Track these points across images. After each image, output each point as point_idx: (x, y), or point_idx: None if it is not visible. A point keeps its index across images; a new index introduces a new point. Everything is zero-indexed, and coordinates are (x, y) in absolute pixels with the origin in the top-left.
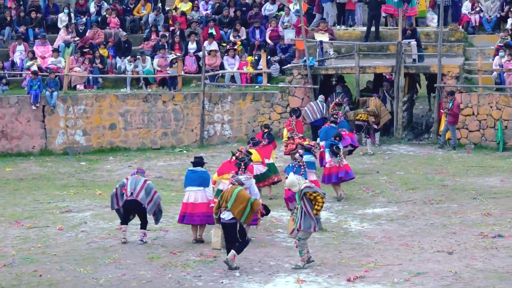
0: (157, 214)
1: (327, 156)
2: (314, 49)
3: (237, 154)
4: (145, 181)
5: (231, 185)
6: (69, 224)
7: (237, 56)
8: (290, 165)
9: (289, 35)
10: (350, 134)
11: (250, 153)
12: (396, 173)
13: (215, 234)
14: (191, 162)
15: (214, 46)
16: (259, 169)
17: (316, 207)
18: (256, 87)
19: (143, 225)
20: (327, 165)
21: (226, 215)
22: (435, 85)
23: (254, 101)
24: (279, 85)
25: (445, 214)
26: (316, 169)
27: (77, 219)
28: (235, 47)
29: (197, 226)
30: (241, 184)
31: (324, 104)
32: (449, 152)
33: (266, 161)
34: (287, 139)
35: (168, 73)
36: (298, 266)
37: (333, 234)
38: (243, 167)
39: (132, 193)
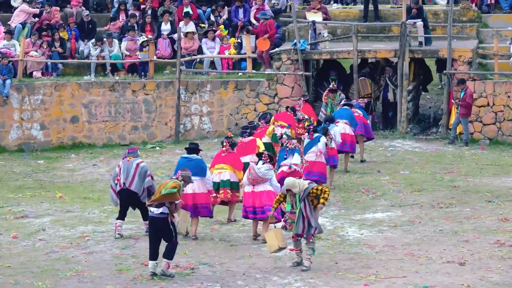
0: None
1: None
2: (306, 30)
3: (225, 144)
4: (138, 164)
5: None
6: (25, 232)
7: (217, 39)
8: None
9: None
10: (364, 120)
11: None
12: (400, 172)
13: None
14: (186, 148)
15: (191, 27)
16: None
17: (324, 195)
18: (240, 74)
19: (145, 216)
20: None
21: (155, 209)
22: (444, 71)
23: (237, 90)
24: (266, 72)
25: (456, 220)
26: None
27: (34, 225)
28: (217, 30)
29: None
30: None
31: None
32: (461, 149)
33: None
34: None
35: (139, 58)
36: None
37: (328, 243)
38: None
39: (124, 183)
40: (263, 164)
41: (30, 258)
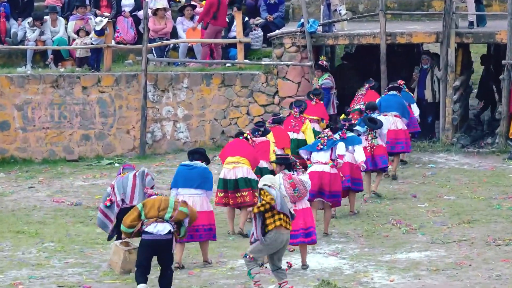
0: None
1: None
2: (317, 6)
3: (245, 135)
4: (134, 175)
5: None
6: None
7: (197, 18)
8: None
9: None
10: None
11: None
12: (444, 197)
13: (115, 251)
14: (188, 152)
15: (162, 2)
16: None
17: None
18: (227, 65)
19: None
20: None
21: (162, 228)
22: (502, 61)
23: (223, 87)
24: (263, 62)
25: None
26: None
27: None
28: (198, 6)
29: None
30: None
31: None
32: None
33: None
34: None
35: (92, 44)
36: None
37: None
38: (299, 167)
39: (123, 200)
40: (297, 174)
41: None
